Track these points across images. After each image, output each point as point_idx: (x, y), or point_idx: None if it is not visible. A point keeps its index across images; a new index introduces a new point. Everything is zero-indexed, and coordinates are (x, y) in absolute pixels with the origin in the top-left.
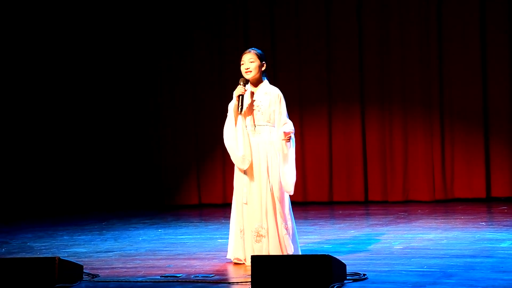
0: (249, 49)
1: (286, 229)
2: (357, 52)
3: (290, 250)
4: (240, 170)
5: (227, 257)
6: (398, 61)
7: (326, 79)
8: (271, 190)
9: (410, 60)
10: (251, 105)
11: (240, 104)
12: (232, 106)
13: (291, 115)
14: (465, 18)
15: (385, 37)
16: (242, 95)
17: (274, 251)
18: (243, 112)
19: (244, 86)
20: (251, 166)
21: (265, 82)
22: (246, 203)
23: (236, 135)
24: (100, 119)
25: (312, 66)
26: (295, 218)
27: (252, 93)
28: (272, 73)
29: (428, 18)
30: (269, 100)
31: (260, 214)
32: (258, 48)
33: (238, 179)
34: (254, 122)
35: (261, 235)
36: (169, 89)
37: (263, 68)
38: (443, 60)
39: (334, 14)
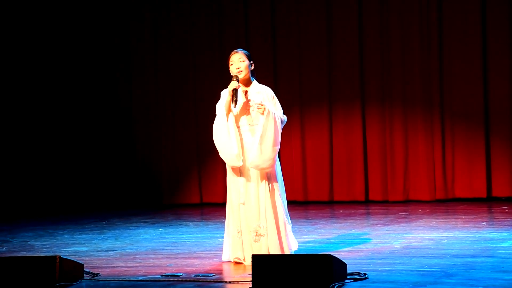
0: (237, 50)
1: (289, 225)
2: (358, 51)
3: (294, 247)
4: (235, 170)
5: (223, 259)
6: (399, 60)
7: (326, 78)
8: (270, 188)
9: (411, 59)
10: (246, 104)
11: (234, 98)
12: (221, 104)
13: (291, 114)
14: (466, 16)
15: (385, 35)
16: (236, 89)
17: (274, 250)
18: (237, 106)
19: (237, 82)
20: (246, 166)
21: (255, 82)
22: (243, 203)
23: (229, 132)
24: (101, 118)
25: (313, 65)
26: (296, 217)
27: (246, 92)
28: (272, 72)
29: (429, 16)
30: (262, 99)
31: (258, 213)
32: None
33: (233, 179)
34: (249, 122)
35: (260, 234)
36: (170, 88)
37: (252, 68)
38: (443, 59)
39: (335, 12)
